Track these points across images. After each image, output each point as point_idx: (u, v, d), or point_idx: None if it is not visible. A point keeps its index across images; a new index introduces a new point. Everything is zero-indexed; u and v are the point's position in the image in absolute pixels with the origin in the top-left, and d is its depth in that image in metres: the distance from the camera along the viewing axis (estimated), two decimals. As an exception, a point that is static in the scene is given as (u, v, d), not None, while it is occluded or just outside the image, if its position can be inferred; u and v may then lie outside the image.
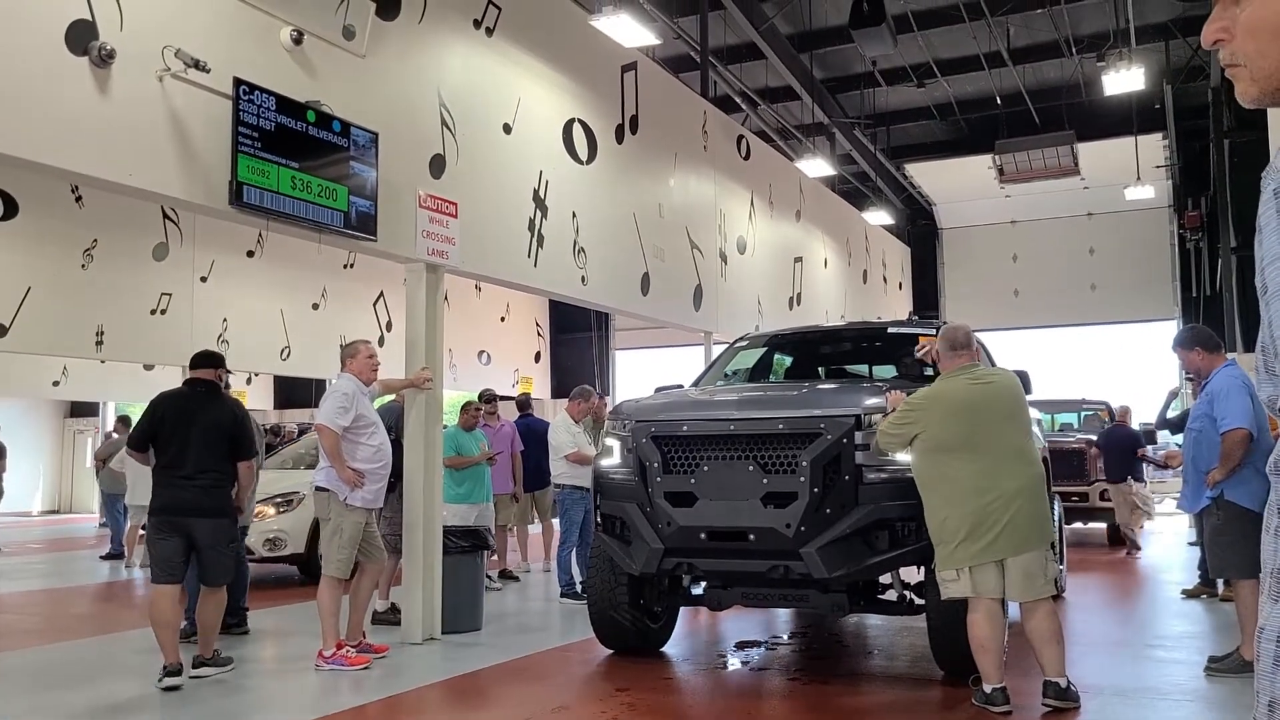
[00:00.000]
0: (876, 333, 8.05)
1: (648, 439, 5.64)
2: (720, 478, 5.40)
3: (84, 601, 9.50)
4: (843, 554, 5.14)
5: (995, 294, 22.70)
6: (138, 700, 5.46)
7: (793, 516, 5.16)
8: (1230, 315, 14.83)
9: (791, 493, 5.21)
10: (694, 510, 5.42)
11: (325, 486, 6.22)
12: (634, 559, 5.60)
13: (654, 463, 5.55)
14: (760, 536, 5.25)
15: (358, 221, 6.52)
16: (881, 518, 5.19)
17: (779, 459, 5.31)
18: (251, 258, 14.72)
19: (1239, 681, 5.20)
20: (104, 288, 12.82)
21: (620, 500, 5.73)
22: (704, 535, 5.40)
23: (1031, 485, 4.87)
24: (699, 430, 5.58)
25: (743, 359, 7.69)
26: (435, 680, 5.89)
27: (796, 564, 5.18)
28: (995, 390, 5.02)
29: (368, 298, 16.54)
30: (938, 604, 5.15)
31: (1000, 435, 4.89)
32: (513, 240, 8.23)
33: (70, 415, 25.57)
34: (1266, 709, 1.08)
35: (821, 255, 16.05)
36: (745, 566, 5.47)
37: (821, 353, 7.96)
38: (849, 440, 5.24)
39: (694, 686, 5.69)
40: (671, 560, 5.51)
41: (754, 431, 5.41)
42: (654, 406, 6.02)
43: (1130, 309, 20.95)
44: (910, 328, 7.37)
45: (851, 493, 5.20)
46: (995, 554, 4.77)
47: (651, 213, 10.49)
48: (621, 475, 5.77)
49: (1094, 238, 21.99)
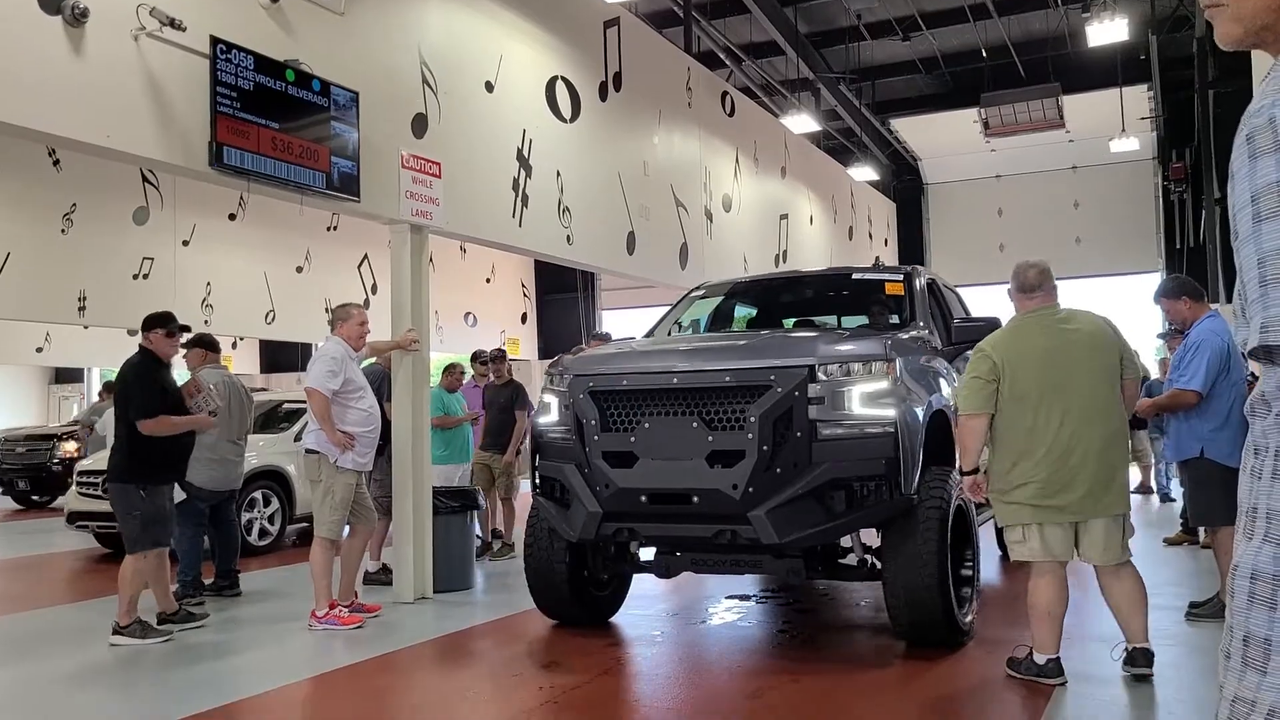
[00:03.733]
0: (842, 278, 7.64)
1: (585, 394, 5.24)
2: (662, 436, 5.01)
3: (68, 567, 9.51)
4: (794, 517, 4.77)
5: (980, 249, 22.70)
6: (129, 660, 5.50)
7: (740, 477, 4.78)
8: (1214, 266, 14.90)
9: (738, 451, 4.83)
10: (634, 471, 5.04)
11: (315, 449, 6.23)
12: (571, 524, 5.23)
13: (591, 420, 5.17)
14: (705, 499, 4.88)
15: (340, 183, 6.46)
16: (838, 477, 4.80)
17: (725, 415, 4.91)
18: (233, 221, 14.60)
19: (1219, 626, 5.28)
20: (85, 252, 12.70)
21: (558, 461, 5.34)
22: (645, 498, 5.02)
23: (1116, 441, 4.44)
24: (639, 384, 5.16)
25: (699, 309, 7.27)
26: (428, 638, 5.94)
27: (744, 528, 4.81)
28: (1077, 335, 4.51)
29: (352, 260, 16.44)
30: (897, 569, 4.96)
31: (1081, 384, 4.41)
32: (497, 200, 8.19)
33: (55, 381, 25.44)
34: (1241, 643, 1.10)
35: (807, 212, 16.02)
36: (689, 531, 5.08)
37: (783, 301, 7.52)
38: (801, 393, 4.83)
39: (684, 640, 5.76)
40: (611, 525, 5.13)
41: (698, 385, 5.01)
42: (593, 359, 5.62)
43: (1114, 262, 21.00)
44: (877, 273, 7.05)
45: (804, 451, 4.80)
46: (1071, 515, 4.39)
47: (636, 171, 10.43)
48: (559, 434, 5.40)
49: (1079, 191, 21.99)
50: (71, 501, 9.86)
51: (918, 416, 5.01)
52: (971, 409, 4.54)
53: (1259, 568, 1.08)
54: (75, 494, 9.78)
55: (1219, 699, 1.13)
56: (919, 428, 4.99)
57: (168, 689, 5.01)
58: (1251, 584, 1.09)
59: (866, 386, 4.89)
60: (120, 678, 5.29)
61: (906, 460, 4.82)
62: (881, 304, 6.54)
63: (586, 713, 4.43)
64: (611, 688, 4.83)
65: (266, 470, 9.51)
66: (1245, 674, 1.08)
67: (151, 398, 5.97)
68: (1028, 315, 4.64)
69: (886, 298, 6.56)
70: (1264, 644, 1.07)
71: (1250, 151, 1.09)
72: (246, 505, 9.22)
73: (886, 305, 6.50)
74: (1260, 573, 1.08)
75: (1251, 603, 1.09)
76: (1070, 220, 21.83)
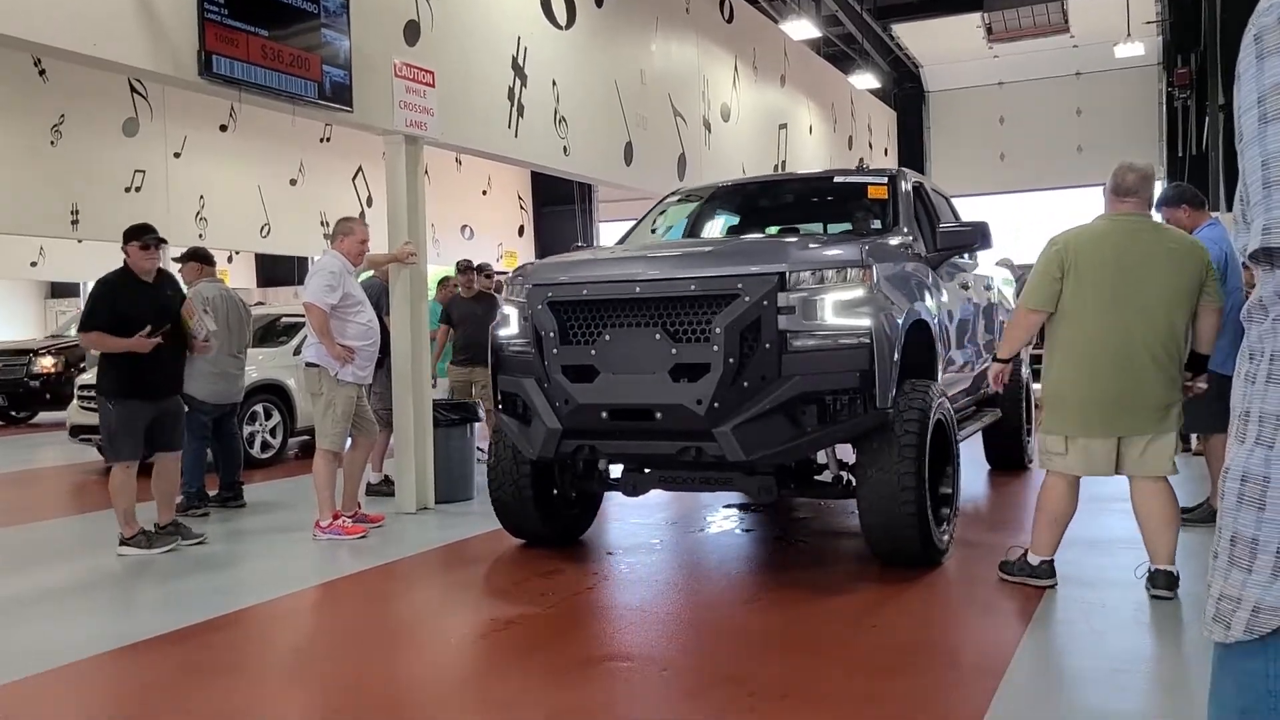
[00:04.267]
0: (824, 182, 7.22)
1: (544, 305, 4.98)
2: (624, 349, 4.78)
3: (70, 481, 9.62)
4: (762, 433, 4.56)
5: (982, 158, 22.50)
6: (136, 570, 5.60)
7: (704, 391, 4.56)
8: (1216, 174, 14.76)
9: (703, 364, 4.60)
10: (594, 386, 4.82)
11: (315, 362, 6.25)
12: (531, 441, 5.03)
13: (550, 332, 4.93)
14: (668, 415, 4.67)
15: (332, 92, 6.36)
16: (808, 390, 4.58)
17: (690, 326, 4.67)
18: (225, 132, 14.39)
19: (1208, 531, 5.38)
20: (76, 164, 12.56)
21: (518, 375, 5.14)
22: (605, 414, 4.82)
23: (1174, 361, 4.28)
24: (600, 294, 4.88)
25: (673, 216, 6.86)
26: (431, 547, 6.05)
27: (709, 445, 4.61)
28: (1160, 249, 4.26)
29: (346, 172, 16.27)
30: (872, 488, 4.76)
31: (1150, 300, 4.21)
32: (492, 110, 8.07)
33: (51, 296, 25.39)
34: (1228, 543, 1.13)
35: (806, 121, 15.80)
36: (652, 449, 4.88)
37: (763, 206, 7.07)
38: (770, 302, 4.58)
39: (682, 547, 5.87)
40: (571, 443, 4.93)
41: (662, 294, 4.73)
42: (552, 268, 5.31)
43: (1116, 171, 20.79)
44: (860, 176, 6.64)
45: (773, 363, 4.58)
46: (1119, 430, 4.29)
47: (633, 80, 10.26)
48: (518, 347, 5.17)
49: (1082, 98, 21.69)
50: (73, 415, 9.95)
51: (896, 326, 4.77)
52: (1030, 304, 4.45)
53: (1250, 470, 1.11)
54: (77, 407, 9.85)
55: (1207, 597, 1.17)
56: (897, 338, 4.76)
57: (174, 597, 5.12)
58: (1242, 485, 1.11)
59: (841, 295, 4.66)
60: (127, 587, 5.40)
61: (883, 372, 4.62)
62: (866, 209, 6.21)
63: (589, 616, 4.54)
64: (612, 593, 4.94)
65: (267, 384, 9.55)
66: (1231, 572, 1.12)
67: (96, 312, 5.81)
68: (1114, 218, 4.39)
69: (870, 202, 6.23)
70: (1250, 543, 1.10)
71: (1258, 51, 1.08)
72: (248, 419, 9.29)
73: (871, 210, 6.18)
74: (1251, 474, 1.11)
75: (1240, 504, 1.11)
76: (1072, 128, 21.56)
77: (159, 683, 3.82)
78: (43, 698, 3.72)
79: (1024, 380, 7.78)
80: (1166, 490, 4.40)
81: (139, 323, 5.78)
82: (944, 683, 3.57)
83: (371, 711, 3.44)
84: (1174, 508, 4.41)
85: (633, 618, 4.52)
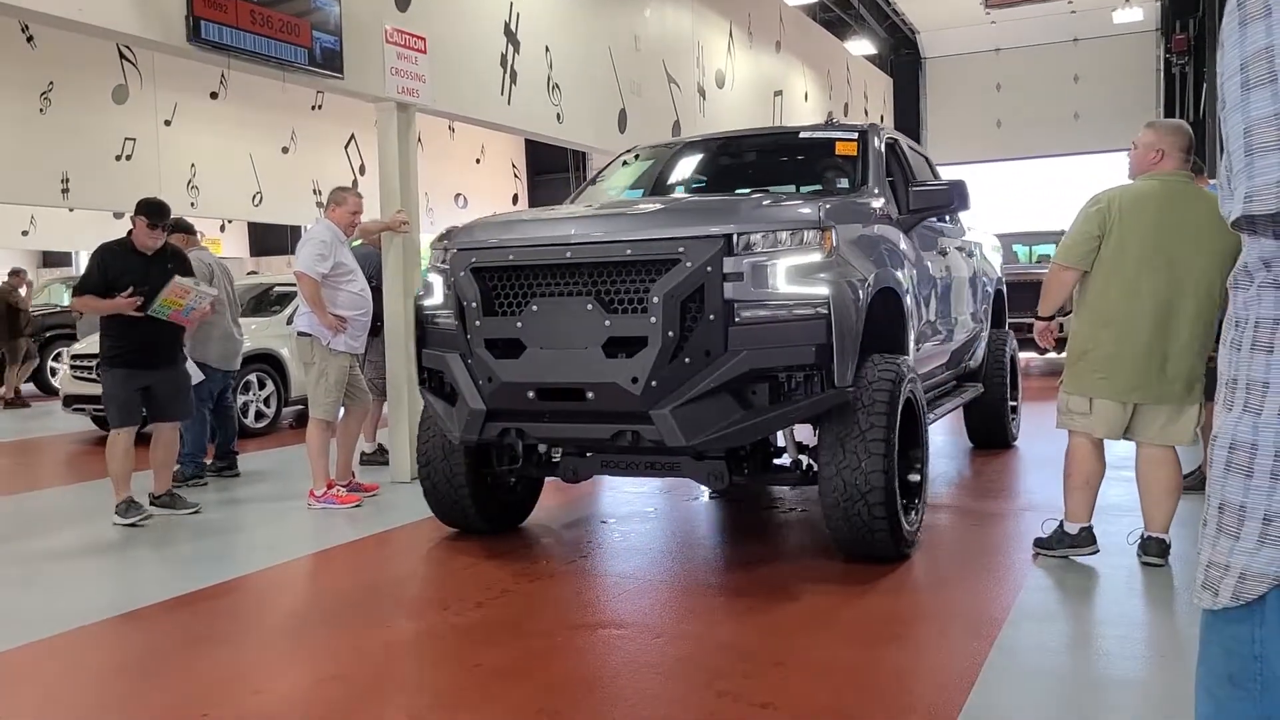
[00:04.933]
0: (788, 139, 6.66)
1: (466, 272, 4.53)
2: (553, 320, 4.34)
3: (65, 450, 9.63)
4: (705, 415, 4.11)
5: (978, 125, 22.41)
6: (132, 537, 5.61)
7: (640, 368, 4.12)
8: (1213, 141, 14.71)
9: (640, 338, 4.16)
10: (520, 362, 4.40)
11: (307, 332, 6.24)
12: (454, 423, 4.64)
13: (473, 302, 4.49)
14: (600, 394, 4.24)
15: (323, 59, 6.30)
16: (758, 367, 4.13)
17: (625, 295, 4.23)
18: (215, 100, 14.28)
19: (1200, 498, 5.40)
20: (65, 132, 12.46)
21: (442, 349, 4.72)
22: (532, 394, 4.39)
23: (1207, 329, 4.20)
24: (528, 259, 4.42)
25: (627, 175, 6.30)
26: (425, 515, 6.05)
27: (646, 428, 4.17)
28: (1202, 212, 4.14)
29: (338, 140, 16.16)
30: (834, 475, 4.32)
31: (1189, 264, 4.13)
32: (485, 77, 8.00)
33: (43, 265, 25.25)
34: (1217, 511, 1.13)
35: (802, 88, 15.69)
36: (583, 432, 4.44)
37: (724, 165, 6.32)
38: (715, 268, 4.12)
39: (677, 516, 5.88)
40: (496, 425, 4.50)
41: (594, 259, 4.28)
42: (479, 229, 4.82)
43: (1113, 138, 20.69)
44: (828, 131, 6.18)
45: (719, 336, 4.12)
46: (1141, 396, 4.24)
47: (627, 46, 10.17)
48: (443, 318, 4.75)
49: (1079, 65, 21.58)
50: (66, 385, 9.94)
51: (859, 295, 4.31)
52: (1066, 260, 4.37)
53: (1237, 437, 1.11)
54: (70, 377, 9.84)
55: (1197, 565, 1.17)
56: (860, 309, 4.29)
57: (170, 565, 5.14)
58: (1230, 453, 1.12)
59: (795, 259, 4.17)
60: (124, 554, 5.41)
61: (843, 347, 4.15)
62: (836, 168, 5.74)
63: (585, 583, 4.55)
64: (606, 561, 4.96)
65: (261, 353, 9.53)
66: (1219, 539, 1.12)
67: (89, 277, 5.86)
68: (1162, 178, 4.25)
69: (840, 160, 5.74)
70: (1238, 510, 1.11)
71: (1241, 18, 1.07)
72: (241, 388, 9.28)
73: (842, 169, 5.70)
74: (1239, 442, 1.11)
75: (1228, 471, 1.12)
76: (1069, 95, 21.48)
77: (158, 649, 3.84)
78: (47, 662, 3.74)
79: (1009, 353, 7.51)
80: (1174, 459, 4.36)
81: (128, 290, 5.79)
82: (937, 648, 3.60)
83: (365, 678, 3.46)
84: (1178, 477, 4.38)
85: (627, 585, 4.54)
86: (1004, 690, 3.19)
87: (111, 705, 3.38)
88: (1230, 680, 1.14)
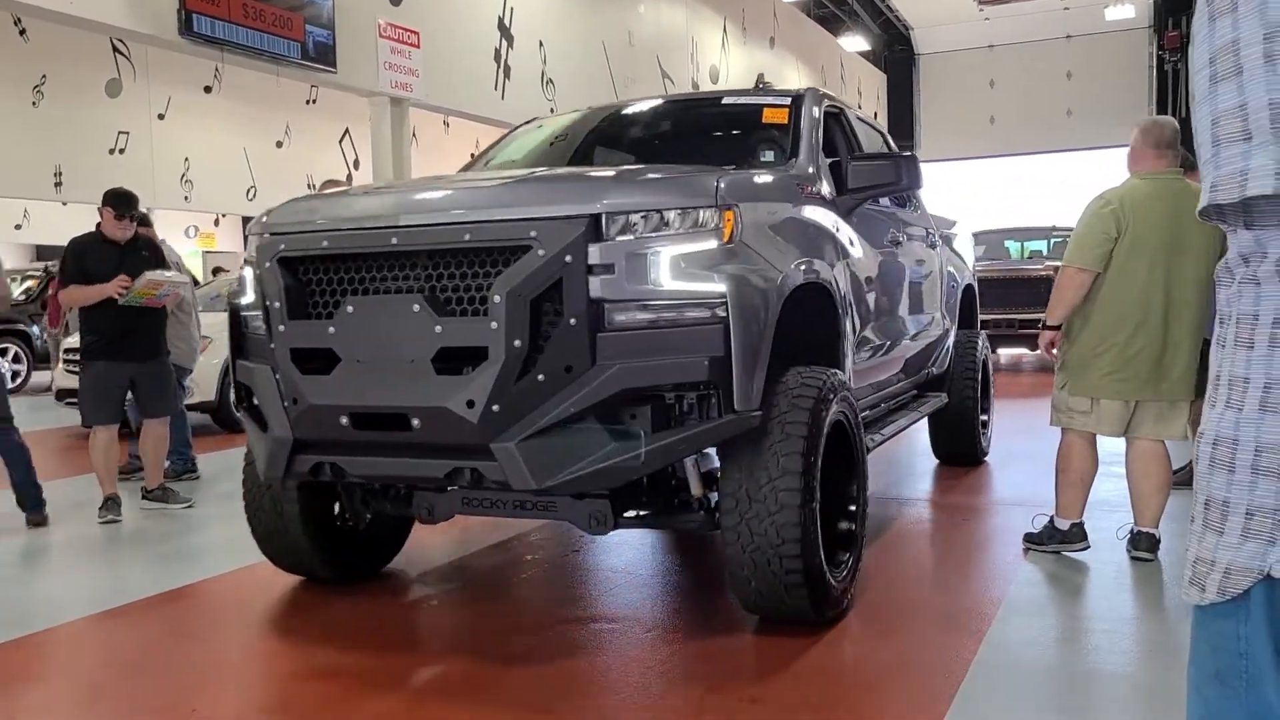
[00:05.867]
0: (710, 106, 5.60)
1: (273, 262, 3.57)
2: (373, 325, 3.41)
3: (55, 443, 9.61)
4: (565, 448, 3.21)
5: (971, 122, 22.44)
6: (114, 535, 5.61)
7: (479, 389, 3.19)
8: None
9: (478, 348, 3.24)
10: (332, 380, 3.44)
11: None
12: (261, 455, 3.71)
13: (276, 301, 3.54)
14: (429, 422, 3.29)
15: (316, 53, 6.30)
16: (635, 385, 3.22)
17: (462, 292, 3.32)
18: (209, 94, 14.26)
19: (1189, 494, 5.42)
20: (59, 126, 12.44)
21: (252, 360, 3.75)
22: (346, 420, 3.42)
23: (1203, 326, 4.18)
24: (345, 245, 3.48)
25: (519, 150, 5.29)
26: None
27: (488, 465, 3.26)
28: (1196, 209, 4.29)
29: (333, 134, 16.14)
30: (737, 519, 3.41)
31: (1191, 263, 4.14)
32: (478, 72, 8.00)
33: (37, 259, 25.19)
34: (1203, 507, 1.14)
35: (796, 84, 15.70)
36: (412, 469, 3.49)
37: (635, 138, 5.30)
38: (578, 258, 3.19)
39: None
40: (307, 458, 3.55)
41: (425, 246, 3.36)
42: (296, 208, 3.85)
43: (1105, 134, 20.79)
44: (756, 96, 5.31)
45: (583, 346, 3.20)
46: (1140, 393, 4.23)
47: (620, 41, 10.17)
48: (255, 321, 3.76)
49: (1072, 61, 21.63)
50: (59, 378, 9.92)
51: (771, 293, 3.42)
52: (1081, 262, 4.27)
53: (1220, 432, 1.12)
54: (62, 371, 9.82)
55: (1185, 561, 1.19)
56: (769, 310, 3.41)
57: (150, 565, 5.13)
58: (1214, 449, 1.13)
59: (684, 247, 3.28)
60: (110, 550, 5.40)
61: (745, 358, 3.27)
62: (770, 140, 4.82)
63: (574, 578, 4.56)
64: (596, 557, 4.96)
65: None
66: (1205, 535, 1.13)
67: (68, 270, 5.83)
68: (1156, 177, 4.25)
69: (772, 131, 4.80)
70: (1222, 506, 1.12)
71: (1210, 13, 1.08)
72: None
73: (775, 142, 4.77)
74: (1222, 437, 1.12)
75: (1213, 467, 1.13)
76: (1062, 92, 21.53)
77: (147, 643, 3.84)
78: (37, 656, 3.74)
79: (979, 357, 6.68)
80: (1164, 454, 4.37)
81: (106, 281, 5.75)
82: (927, 644, 3.61)
83: (358, 667, 3.46)
84: (1169, 472, 4.39)
85: (618, 579, 4.55)
86: (994, 685, 3.20)
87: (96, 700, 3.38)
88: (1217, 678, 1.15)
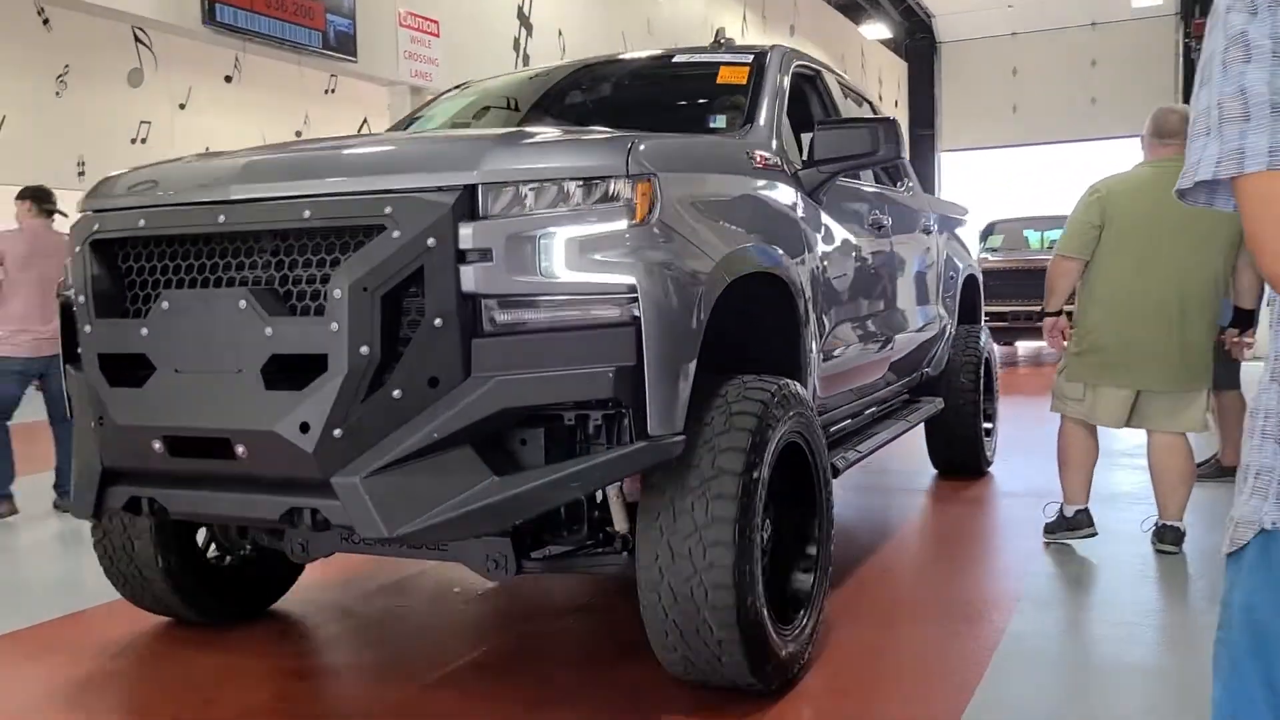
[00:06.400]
0: (661, 67, 4.81)
1: (84, 246, 2.91)
2: (193, 325, 2.71)
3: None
4: (428, 484, 2.52)
5: (994, 110, 22.27)
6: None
7: (316, 409, 2.50)
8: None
9: (317, 355, 2.53)
10: (144, 394, 2.76)
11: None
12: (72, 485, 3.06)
13: (81, 295, 2.89)
14: (255, 450, 2.60)
15: (336, 42, 6.31)
16: (520, 404, 2.54)
17: (297, 285, 2.64)
18: (230, 83, 14.31)
19: (1215, 487, 5.37)
20: (82, 115, 12.52)
21: (76, 366, 3.05)
22: (160, 445, 2.73)
23: (1207, 315, 4.18)
24: (163, 225, 2.82)
25: (443, 118, 4.49)
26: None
27: (330, 505, 2.55)
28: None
29: (352, 123, 16.15)
30: (655, 566, 2.72)
31: (1190, 251, 4.11)
32: (498, 61, 7.99)
33: (59, 249, 25.46)
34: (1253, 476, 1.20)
35: (816, 72, 15.63)
36: (241, 508, 2.76)
37: (574, 104, 4.49)
38: (444, 240, 2.49)
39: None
40: (121, 492, 2.87)
41: (258, 225, 2.67)
42: (122, 181, 3.11)
43: (1131, 123, 20.44)
44: (711, 54, 4.38)
45: (452, 354, 2.51)
46: (1145, 383, 4.23)
47: (640, 30, 10.14)
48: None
49: (1096, 49, 21.41)
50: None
51: (693, 287, 2.69)
52: (1066, 250, 4.37)
53: (1269, 407, 1.19)
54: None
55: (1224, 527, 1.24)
56: (698, 306, 2.70)
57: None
58: (1263, 422, 1.19)
59: (584, 229, 2.56)
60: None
61: (663, 369, 2.56)
62: (731, 106, 4.03)
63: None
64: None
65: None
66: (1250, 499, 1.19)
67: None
68: (1156, 164, 4.26)
69: (731, 95, 4.02)
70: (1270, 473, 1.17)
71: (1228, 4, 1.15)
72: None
73: (735, 106, 3.98)
74: (1271, 411, 1.18)
75: (1264, 439, 1.19)
76: (1086, 80, 21.32)
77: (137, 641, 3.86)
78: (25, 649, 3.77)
79: (981, 355, 5.90)
80: (1186, 446, 4.34)
81: None
82: (947, 637, 3.59)
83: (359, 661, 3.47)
84: (1191, 464, 4.37)
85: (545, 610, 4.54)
86: (1016, 676, 3.19)
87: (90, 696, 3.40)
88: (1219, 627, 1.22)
